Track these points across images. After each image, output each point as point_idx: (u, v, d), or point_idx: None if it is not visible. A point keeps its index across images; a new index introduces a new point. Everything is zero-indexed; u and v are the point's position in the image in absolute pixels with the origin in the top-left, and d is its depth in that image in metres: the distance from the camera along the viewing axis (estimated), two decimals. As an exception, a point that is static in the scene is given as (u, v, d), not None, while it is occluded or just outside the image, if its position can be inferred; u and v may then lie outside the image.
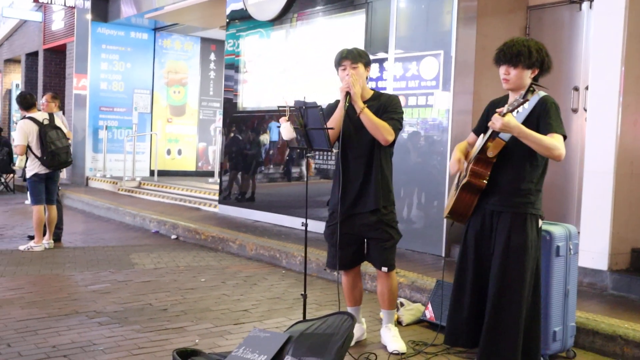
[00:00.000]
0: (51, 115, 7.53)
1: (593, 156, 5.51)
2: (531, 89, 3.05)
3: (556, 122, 3.26)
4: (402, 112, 4.11)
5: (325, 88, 8.15)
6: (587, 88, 6.22)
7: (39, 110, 7.75)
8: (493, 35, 6.77)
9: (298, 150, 8.46)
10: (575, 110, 6.64)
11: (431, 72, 6.81)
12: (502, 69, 3.38)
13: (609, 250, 5.34)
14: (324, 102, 4.22)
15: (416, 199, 7.00)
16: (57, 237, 7.89)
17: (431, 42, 6.88)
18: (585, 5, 6.62)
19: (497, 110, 3.21)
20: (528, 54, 3.30)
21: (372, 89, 4.20)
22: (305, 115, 3.87)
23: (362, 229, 4.09)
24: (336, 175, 4.16)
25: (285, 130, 4.11)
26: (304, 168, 8.79)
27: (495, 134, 3.27)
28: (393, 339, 4.14)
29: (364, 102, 3.99)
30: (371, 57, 7.49)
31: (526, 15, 7.14)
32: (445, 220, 6.56)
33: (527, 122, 3.27)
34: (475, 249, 3.45)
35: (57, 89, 16.77)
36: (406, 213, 6.96)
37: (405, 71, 7.08)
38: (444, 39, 6.73)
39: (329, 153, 7.44)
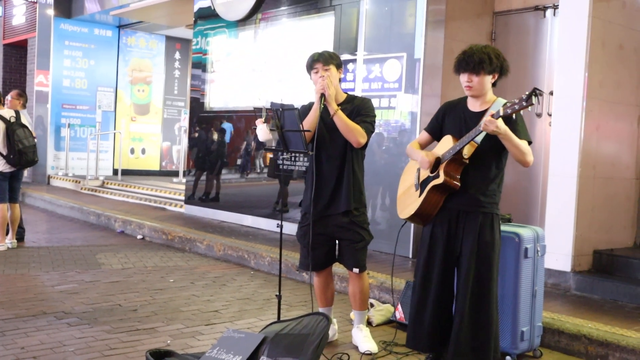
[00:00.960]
0: (17, 113, 7.40)
1: (557, 160, 5.64)
2: (534, 93, 3.11)
3: (523, 130, 3.42)
4: (375, 116, 4.17)
5: (295, 89, 8.19)
6: (551, 93, 6.36)
7: (4, 106, 7.61)
8: (461, 39, 6.88)
9: (264, 150, 8.48)
10: (539, 115, 6.78)
11: (394, 74, 6.89)
12: (464, 77, 3.48)
13: (573, 251, 5.48)
14: (293, 102, 4.25)
15: (382, 201, 7.07)
16: (20, 237, 7.77)
17: (395, 45, 6.96)
18: (549, 12, 6.77)
19: (491, 112, 3.29)
20: (489, 61, 3.42)
21: (345, 92, 4.25)
22: (281, 117, 3.90)
23: (334, 230, 4.14)
24: (309, 177, 4.19)
25: (262, 131, 4.13)
26: (260, 168, 8.81)
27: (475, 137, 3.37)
28: (365, 339, 4.19)
29: (338, 105, 4.04)
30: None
31: (492, 20, 7.27)
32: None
33: None
34: (444, 250, 3.52)
35: (18, 84, 16.45)
36: (372, 214, 7.03)
37: (369, 73, 7.15)
38: (407, 42, 6.82)
39: (297, 155, 7.47)
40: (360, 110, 4.09)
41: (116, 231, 9.08)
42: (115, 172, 14.45)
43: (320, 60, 4.10)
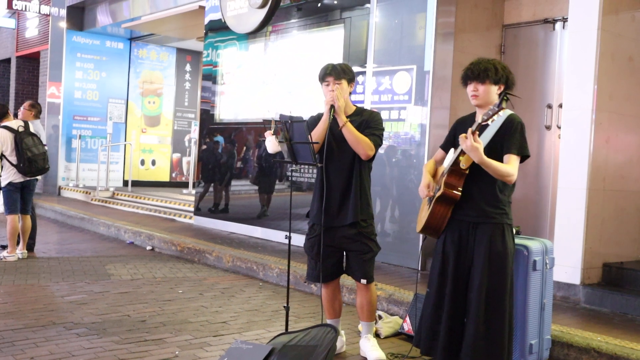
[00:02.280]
0: (26, 123, 7.47)
1: (567, 172, 5.63)
2: (505, 97, 3.13)
3: (520, 142, 3.42)
4: (383, 129, 4.21)
5: (304, 101, 8.23)
6: (560, 106, 6.36)
7: (15, 117, 7.68)
8: (470, 52, 6.90)
9: (277, 163, 8.51)
10: (548, 127, 6.78)
11: (404, 86, 6.91)
12: (470, 87, 3.51)
13: (582, 264, 5.46)
14: (303, 115, 4.28)
15: (391, 213, 7.07)
16: (29, 247, 7.81)
17: (404, 57, 6.99)
18: (558, 25, 6.78)
19: (472, 128, 3.26)
20: (494, 70, 3.46)
21: (354, 105, 4.27)
22: (290, 129, 3.92)
23: (341, 241, 4.15)
24: (317, 188, 4.21)
25: (270, 143, 4.15)
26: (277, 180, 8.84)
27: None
28: (373, 348, 4.19)
29: (347, 117, 4.07)
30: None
31: (502, 33, 7.29)
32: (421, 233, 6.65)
33: (494, 138, 3.40)
34: (455, 261, 3.51)
35: (30, 96, 16.61)
36: (381, 226, 7.03)
37: (378, 85, 7.18)
38: (417, 54, 6.84)
39: (305, 166, 7.49)
40: (369, 123, 4.12)
41: (126, 242, 9.12)
42: (125, 183, 14.52)
43: (332, 74, 4.12)
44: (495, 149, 3.39)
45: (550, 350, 4.27)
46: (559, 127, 6.33)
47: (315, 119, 4.22)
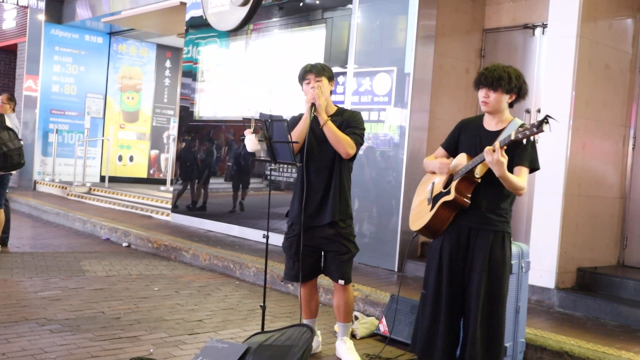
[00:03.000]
0: (1, 116, 7.36)
1: (543, 177, 5.68)
2: (546, 120, 3.04)
3: (531, 155, 3.41)
4: (364, 129, 4.21)
5: (285, 101, 8.22)
6: (539, 111, 6.43)
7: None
8: (450, 55, 6.95)
9: (255, 162, 8.50)
10: (526, 132, 6.82)
11: (384, 88, 6.94)
12: (482, 92, 3.47)
13: (557, 269, 5.52)
14: (284, 114, 4.27)
15: (369, 214, 7.09)
16: (3, 242, 7.71)
17: (385, 59, 7.01)
18: (538, 30, 6.84)
19: (500, 143, 3.22)
20: (508, 79, 3.41)
21: (335, 105, 4.27)
22: (270, 128, 3.91)
23: (320, 242, 4.15)
24: (297, 187, 4.21)
25: (250, 142, 4.14)
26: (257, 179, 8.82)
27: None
28: (348, 352, 4.19)
29: (329, 117, 4.07)
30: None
31: (482, 37, 7.34)
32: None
33: (507, 149, 3.33)
34: (450, 265, 3.51)
35: (6, 89, 16.40)
36: (359, 227, 7.04)
37: (359, 86, 7.19)
38: (398, 56, 6.87)
39: (284, 165, 7.48)
40: (350, 122, 4.12)
41: (102, 238, 9.04)
42: (102, 179, 14.40)
43: (312, 72, 4.14)
44: (510, 161, 3.33)
45: (525, 353, 4.31)
46: (537, 132, 6.37)
47: (297, 119, 4.22)
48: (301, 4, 8.30)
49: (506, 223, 3.50)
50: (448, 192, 3.48)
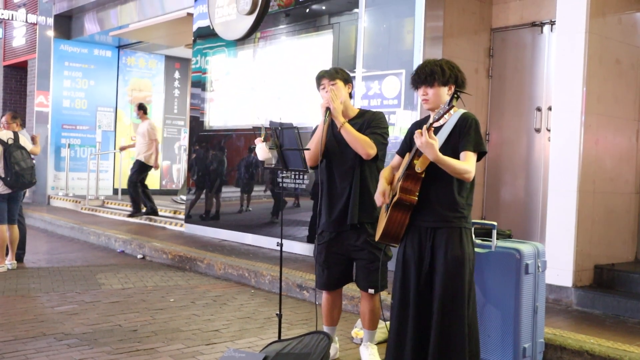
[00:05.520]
0: (15, 135, 7.42)
1: (557, 175, 5.64)
2: (455, 95, 3.04)
3: (475, 139, 3.32)
4: (386, 127, 4.14)
5: (294, 107, 8.21)
6: (550, 108, 6.39)
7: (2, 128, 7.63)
8: (458, 56, 6.91)
9: (268, 170, 8.49)
10: (538, 130, 6.80)
11: (393, 90, 6.92)
12: (420, 91, 3.44)
13: (574, 267, 5.47)
14: (293, 120, 4.25)
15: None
16: (18, 258, 7.75)
17: (393, 62, 6.99)
18: (546, 28, 6.80)
19: (425, 126, 3.19)
20: (441, 72, 3.37)
21: (357, 108, 4.24)
22: (281, 136, 3.91)
23: (349, 249, 4.10)
24: (323, 194, 4.15)
25: (261, 150, 4.14)
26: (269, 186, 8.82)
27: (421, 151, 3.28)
28: (370, 357, 4.17)
29: (350, 121, 4.03)
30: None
31: (490, 36, 7.31)
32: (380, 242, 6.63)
33: (450, 139, 3.34)
34: (416, 268, 3.41)
35: (18, 106, 16.53)
36: (374, 231, 7.00)
37: (368, 90, 7.18)
38: (406, 58, 6.84)
39: (299, 173, 7.47)
40: (370, 122, 4.07)
41: (116, 251, 9.07)
42: (115, 191, 14.46)
43: (326, 76, 4.11)
44: (454, 149, 3.31)
45: (544, 354, 4.27)
46: (549, 130, 6.34)
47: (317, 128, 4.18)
48: (307, 10, 8.31)
49: (463, 218, 3.38)
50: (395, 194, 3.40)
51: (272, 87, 8.69)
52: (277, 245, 4.17)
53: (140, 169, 11.14)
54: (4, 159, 7.19)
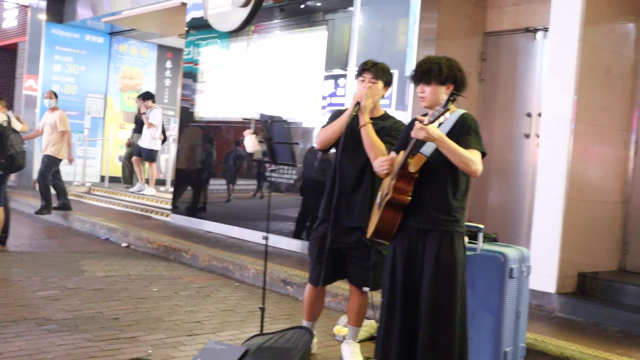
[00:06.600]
0: (9, 117, 7.38)
1: (544, 181, 5.67)
2: (451, 98, 3.00)
3: (475, 139, 3.26)
4: None
5: (285, 102, 8.20)
6: (540, 114, 6.41)
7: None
8: (452, 59, 6.91)
9: (255, 163, 8.47)
10: (527, 136, 6.83)
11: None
12: (418, 88, 3.38)
13: (557, 273, 5.50)
14: (283, 115, 4.23)
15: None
16: (1, 241, 7.69)
17: (386, 61, 6.92)
18: (540, 34, 6.83)
19: (419, 117, 3.14)
20: (438, 70, 3.30)
21: (383, 110, 4.21)
22: (270, 129, 3.90)
23: (342, 246, 4.08)
24: (329, 181, 4.11)
25: (250, 142, 4.13)
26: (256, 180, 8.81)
27: (416, 149, 3.23)
28: (352, 355, 4.16)
29: (372, 120, 3.99)
30: (330, 73, 7.61)
31: (483, 40, 7.32)
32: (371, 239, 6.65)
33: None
34: (404, 268, 3.37)
35: (6, 88, 16.38)
36: (360, 229, 7.01)
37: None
38: (398, 59, 6.83)
39: (286, 167, 7.46)
40: (390, 130, 4.03)
41: (101, 238, 9.02)
42: (102, 179, 14.38)
43: (371, 71, 4.05)
44: None
45: (525, 359, 4.28)
46: (538, 136, 6.37)
47: (342, 112, 4.14)
48: (302, 6, 8.29)
49: (456, 222, 3.31)
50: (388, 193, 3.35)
51: (264, 81, 8.66)
52: (263, 239, 4.17)
53: (49, 164, 10.13)
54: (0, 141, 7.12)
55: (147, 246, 8.19)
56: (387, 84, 4.13)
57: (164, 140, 12.24)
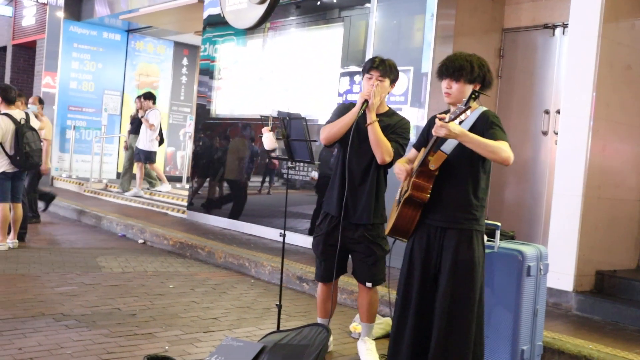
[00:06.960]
0: (27, 115, 7.43)
1: (562, 179, 5.62)
2: (473, 95, 2.96)
3: (500, 133, 3.22)
4: (409, 139, 4.10)
5: (302, 99, 8.19)
6: (558, 111, 6.36)
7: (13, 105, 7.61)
8: (469, 56, 6.87)
9: (275, 160, 8.47)
10: (545, 133, 6.78)
11: (400, 87, 6.88)
12: (444, 83, 3.34)
13: (575, 271, 5.46)
14: (300, 112, 4.22)
15: (387, 215, 7.04)
16: (20, 237, 7.75)
17: (402, 58, 6.94)
18: (558, 30, 6.77)
19: (439, 115, 3.13)
20: (470, 69, 3.28)
21: (388, 106, 4.21)
22: (288, 126, 3.89)
23: (346, 242, 4.07)
24: (335, 178, 4.11)
25: (267, 140, 4.13)
26: (274, 177, 8.81)
27: (436, 147, 3.21)
28: (367, 352, 4.16)
29: (378, 116, 3.98)
30: (346, 70, 7.59)
31: (501, 37, 7.28)
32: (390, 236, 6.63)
33: None
34: (422, 266, 3.36)
35: (25, 85, 16.52)
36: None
37: (375, 85, 7.15)
38: (414, 56, 6.81)
39: (302, 164, 7.46)
40: (396, 128, 4.03)
41: (117, 235, 9.08)
42: (118, 175, 14.44)
43: (378, 69, 4.03)
44: (471, 151, 3.18)
45: (542, 357, 4.26)
46: (556, 133, 6.33)
47: (347, 107, 4.14)
48: (318, 3, 8.28)
49: (475, 220, 3.29)
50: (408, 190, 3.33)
51: (280, 78, 8.67)
52: (280, 235, 4.17)
53: (37, 174, 9.46)
54: (16, 138, 7.18)
55: (163, 243, 8.22)
56: (394, 81, 4.12)
57: (161, 142, 12.18)
